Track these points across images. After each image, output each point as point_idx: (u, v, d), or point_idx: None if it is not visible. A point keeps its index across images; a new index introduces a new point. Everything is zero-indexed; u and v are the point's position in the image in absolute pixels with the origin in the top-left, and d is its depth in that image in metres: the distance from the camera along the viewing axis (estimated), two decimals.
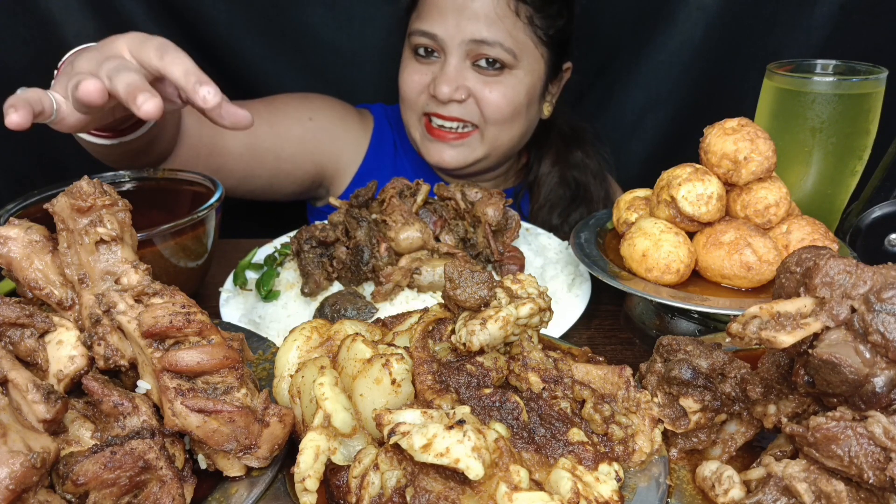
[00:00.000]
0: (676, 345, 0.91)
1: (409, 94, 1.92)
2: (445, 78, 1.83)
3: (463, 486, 0.71)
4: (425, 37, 1.85)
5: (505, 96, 1.86)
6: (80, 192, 0.88)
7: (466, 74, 1.85)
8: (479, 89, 1.85)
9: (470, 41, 1.81)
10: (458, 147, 1.92)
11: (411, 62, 1.92)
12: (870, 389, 0.71)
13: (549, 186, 2.10)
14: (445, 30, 1.81)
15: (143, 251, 1.18)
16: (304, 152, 2.00)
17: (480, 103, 1.86)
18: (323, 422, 0.79)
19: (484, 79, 1.85)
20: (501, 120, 1.89)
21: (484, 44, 1.81)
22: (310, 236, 1.39)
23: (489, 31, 1.80)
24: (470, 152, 1.93)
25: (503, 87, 1.86)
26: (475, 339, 0.84)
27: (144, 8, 2.26)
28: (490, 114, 1.87)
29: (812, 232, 1.19)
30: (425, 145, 1.95)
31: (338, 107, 2.12)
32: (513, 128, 1.94)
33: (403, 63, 1.95)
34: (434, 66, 1.88)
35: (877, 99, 1.33)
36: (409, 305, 1.30)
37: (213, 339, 0.81)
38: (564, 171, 2.11)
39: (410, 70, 1.91)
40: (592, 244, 1.32)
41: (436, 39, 1.83)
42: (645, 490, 0.80)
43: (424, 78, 1.89)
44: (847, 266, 0.74)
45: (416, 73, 1.90)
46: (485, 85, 1.85)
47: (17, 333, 0.83)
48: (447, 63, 1.84)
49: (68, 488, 0.73)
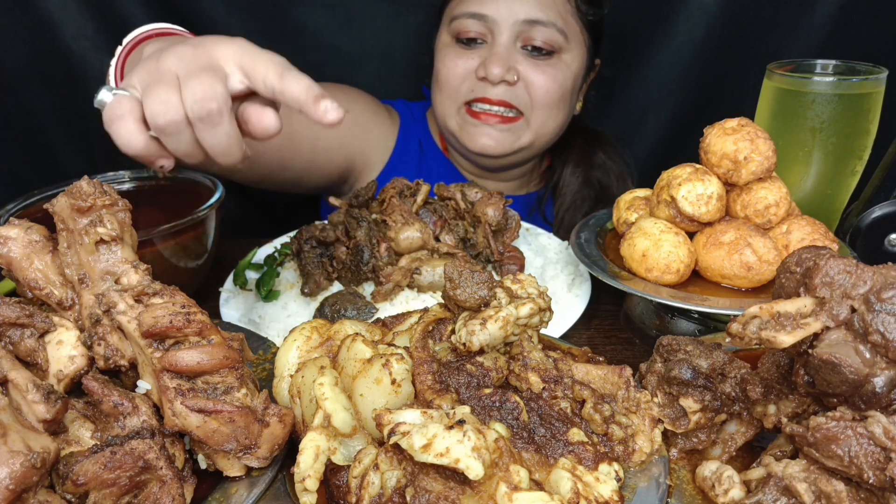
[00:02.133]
0: (676, 345, 0.91)
1: (452, 81, 1.84)
2: (497, 58, 1.76)
3: (463, 486, 0.71)
4: (473, 18, 1.78)
5: (556, 80, 1.81)
6: (80, 192, 0.88)
7: (517, 57, 1.79)
8: (529, 73, 1.79)
9: (523, 21, 1.75)
10: (503, 131, 1.84)
11: (453, 49, 1.84)
12: (870, 389, 0.71)
13: (573, 188, 2.07)
14: (497, 10, 1.75)
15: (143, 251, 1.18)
16: (339, 145, 1.94)
17: (530, 87, 1.80)
18: (323, 422, 0.79)
19: (534, 62, 1.79)
20: (550, 104, 1.83)
21: (538, 24, 1.75)
22: (310, 236, 1.39)
23: (542, 11, 1.76)
24: (515, 139, 1.86)
25: (554, 71, 1.81)
26: (475, 339, 0.84)
27: (144, 8, 2.26)
28: (539, 97, 1.81)
29: (812, 232, 1.19)
30: (467, 130, 1.86)
31: (370, 101, 2.07)
32: (558, 115, 1.89)
33: (442, 51, 1.86)
34: (479, 50, 1.81)
35: (877, 99, 1.33)
36: (409, 305, 1.30)
37: (213, 339, 0.81)
38: (588, 171, 2.08)
39: (454, 55, 1.83)
40: (592, 244, 1.32)
41: (485, 20, 1.77)
42: (645, 490, 0.80)
43: (470, 63, 1.81)
44: (847, 266, 0.74)
45: (461, 57, 1.82)
46: (535, 68, 1.79)
47: (17, 333, 0.83)
48: (496, 44, 1.77)
49: (68, 488, 0.73)
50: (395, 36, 2.29)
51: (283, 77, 0.98)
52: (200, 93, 0.93)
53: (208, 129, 0.96)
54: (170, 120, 0.94)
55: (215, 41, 0.99)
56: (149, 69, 0.98)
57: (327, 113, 0.98)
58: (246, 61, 0.98)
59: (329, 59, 2.37)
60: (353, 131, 1.97)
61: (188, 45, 0.98)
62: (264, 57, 0.99)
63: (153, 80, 0.95)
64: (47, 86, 2.30)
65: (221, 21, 2.31)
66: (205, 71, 0.95)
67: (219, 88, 0.94)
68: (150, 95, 0.94)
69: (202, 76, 0.94)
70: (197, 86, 0.93)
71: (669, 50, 2.35)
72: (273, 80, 0.98)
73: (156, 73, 0.96)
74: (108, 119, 0.95)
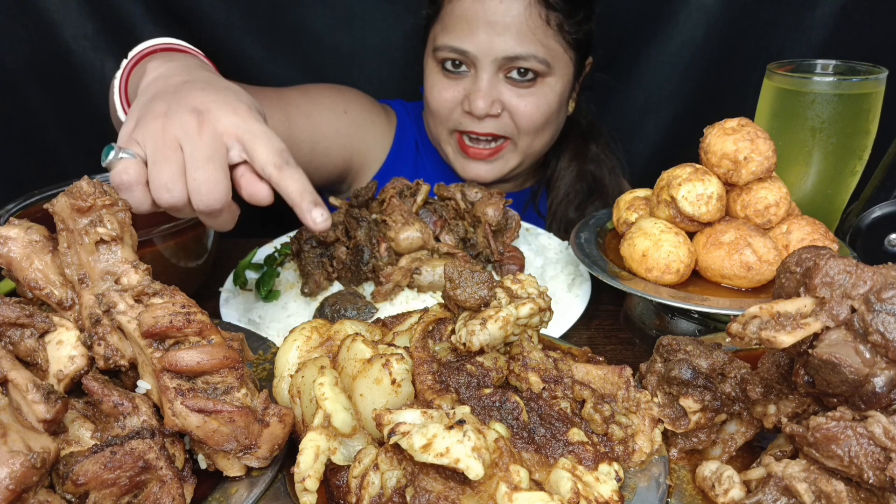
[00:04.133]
0: (676, 345, 0.91)
1: (441, 111, 1.88)
2: (480, 94, 1.79)
3: (463, 486, 0.71)
4: (454, 52, 1.80)
5: (539, 107, 1.84)
6: (80, 192, 0.88)
7: (500, 88, 1.82)
8: (513, 102, 1.82)
9: (503, 58, 1.77)
10: (493, 162, 1.91)
11: (439, 76, 1.87)
12: (870, 389, 0.71)
13: (566, 181, 2.09)
14: (476, 46, 1.77)
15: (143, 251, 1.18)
16: (338, 146, 1.96)
17: (515, 116, 1.84)
18: (323, 422, 0.79)
19: (517, 91, 1.82)
20: (536, 129, 1.87)
21: (518, 59, 1.78)
22: (310, 236, 1.39)
23: (521, 45, 1.77)
24: (504, 164, 1.92)
25: (536, 98, 1.83)
26: (475, 339, 0.84)
27: (143, 8, 2.26)
28: (525, 125, 1.85)
29: (812, 232, 1.19)
30: (460, 162, 1.93)
31: (366, 101, 2.09)
32: (545, 135, 1.93)
33: (430, 77, 1.90)
34: (464, 79, 1.84)
35: (877, 99, 1.33)
36: (409, 305, 1.30)
37: (213, 339, 0.81)
38: (582, 165, 2.09)
39: (440, 87, 1.86)
40: (592, 244, 1.32)
41: (466, 55, 1.80)
42: (645, 490, 0.80)
43: (456, 94, 1.85)
44: (847, 266, 0.74)
45: (447, 89, 1.85)
46: (518, 98, 1.82)
47: (17, 333, 0.83)
48: (479, 78, 1.80)
49: (68, 488, 0.73)
50: (394, 36, 2.29)
51: (281, 171, 1.01)
52: (205, 189, 0.97)
53: (210, 218, 1.02)
54: (173, 203, 0.99)
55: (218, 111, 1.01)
56: (153, 133, 1.00)
57: (316, 223, 1.02)
58: (247, 140, 1.01)
59: (329, 59, 2.37)
60: (350, 132, 1.99)
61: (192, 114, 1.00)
62: (265, 141, 1.01)
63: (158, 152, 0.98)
64: (47, 86, 2.30)
65: (221, 21, 2.31)
66: (210, 161, 0.98)
67: (222, 185, 0.98)
68: (155, 173, 0.98)
69: (207, 168, 0.97)
70: (202, 179, 0.97)
71: (669, 50, 2.35)
72: (271, 171, 1.01)
73: (161, 141, 0.99)
74: (116, 184, 0.99)
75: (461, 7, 1.78)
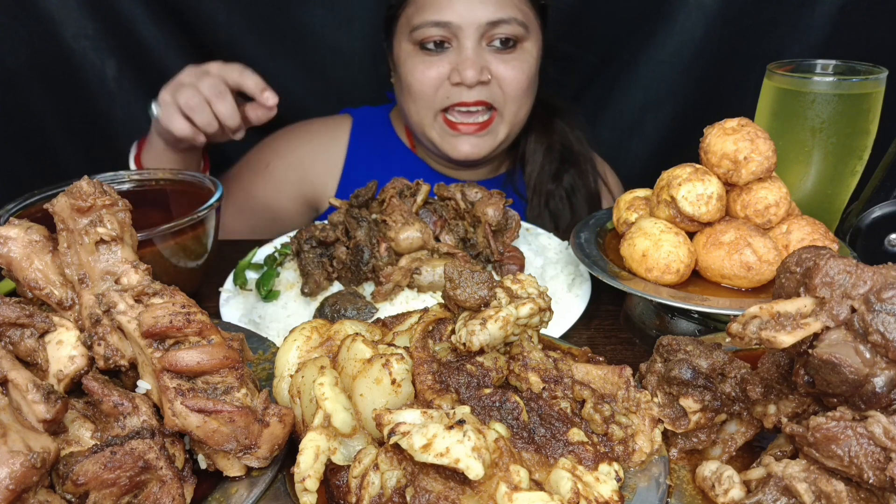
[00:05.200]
0: (676, 345, 0.91)
1: (426, 91, 1.87)
2: (469, 63, 1.80)
3: (463, 486, 0.71)
4: (437, 27, 1.81)
5: (523, 71, 1.88)
6: (80, 192, 0.88)
7: (485, 56, 1.84)
8: (499, 68, 1.85)
9: (486, 23, 1.80)
10: (482, 137, 1.91)
11: (419, 58, 1.87)
12: (870, 389, 0.71)
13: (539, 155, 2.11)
14: (459, 15, 1.79)
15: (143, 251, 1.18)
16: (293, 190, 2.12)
17: (502, 82, 1.86)
18: (323, 422, 0.79)
19: (502, 58, 1.85)
20: (521, 94, 1.90)
21: (501, 23, 1.80)
22: (310, 236, 1.39)
23: (502, 9, 1.80)
24: (494, 139, 1.93)
25: (520, 62, 1.87)
26: (475, 339, 0.84)
27: (143, 8, 2.26)
28: (511, 91, 1.87)
29: (812, 232, 1.19)
30: (448, 142, 1.92)
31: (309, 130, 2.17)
32: (528, 102, 1.96)
33: (409, 62, 1.89)
34: (447, 55, 1.84)
35: (877, 99, 1.33)
36: (409, 305, 1.30)
37: (213, 339, 0.81)
38: (550, 138, 2.12)
39: (423, 66, 1.86)
40: (592, 244, 1.32)
41: (449, 27, 1.80)
42: (645, 490, 0.80)
43: (441, 70, 1.85)
44: (847, 266, 0.74)
45: (430, 67, 1.85)
46: (503, 63, 1.85)
47: (17, 333, 0.83)
48: (464, 47, 1.81)
49: (68, 488, 0.73)
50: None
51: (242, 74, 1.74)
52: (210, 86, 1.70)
53: (220, 101, 1.69)
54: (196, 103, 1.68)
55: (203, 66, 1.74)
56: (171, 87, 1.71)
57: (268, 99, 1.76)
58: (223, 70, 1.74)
59: (329, 58, 2.38)
60: (298, 173, 2.13)
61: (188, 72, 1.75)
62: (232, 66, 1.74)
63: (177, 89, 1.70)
64: (47, 86, 2.30)
65: (222, 21, 2.31)
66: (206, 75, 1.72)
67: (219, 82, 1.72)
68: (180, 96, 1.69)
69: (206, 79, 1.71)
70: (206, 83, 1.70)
71: (669, 50, 2.35)
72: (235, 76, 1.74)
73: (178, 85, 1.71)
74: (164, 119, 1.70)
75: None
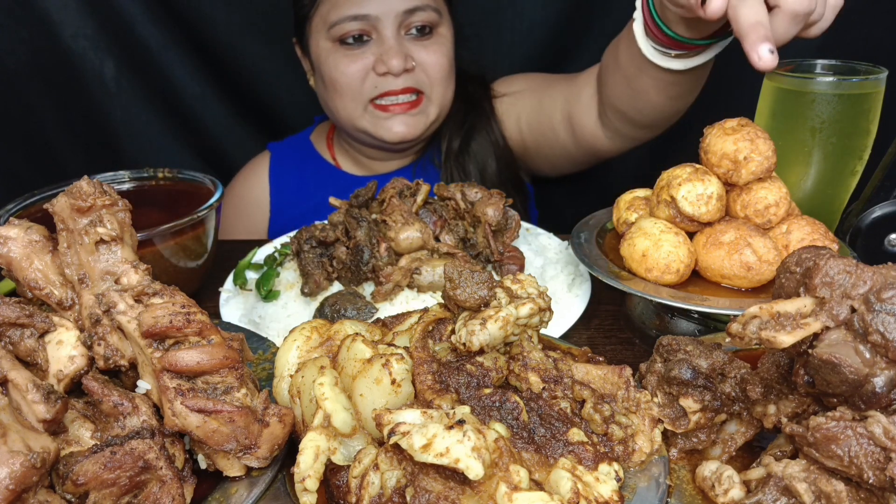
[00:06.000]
0: (676, 345, 0.91)
1: (353, 84, 1.90)
2: (393, 52, 1.85)
3: (463, 486, 0.71)
4: (355, 21, 1.85)
5: (444, 55, 1.94)
6: (80, 192, 0.88)
7: (406, 46, 1.89)
8: (421, 54, 1.91)
9: (403, 12, 1.85)
10: (413, 116, 1.95)
11: (341, 53, 1.90)
12: (870, 389, 0.71)
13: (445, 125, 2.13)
14: (376, 7, 1.84)
15: (143, 251, 1.18)
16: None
17: (426, 68, 1.92)
18: (323, 422, 0.79)
19: (422, 44, 1.91)
20: (445, 77, 1.95)
21: (416, 10, 1.86)
22: (310, 236, 1.39)
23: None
24: (425, 119, 1.97)
25: (439, 47, 1.93)
26: (475, 339, 0.84)
27: (143, 8, 2.26)
28: (436, 74, 1.93)
29: (812, 232, 1.19)
30: (380, 125, 1.95)
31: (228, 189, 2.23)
32: (451, 83, 2.01)
33: (330, 59, 1.91)
34: (368, 47, 1.89)
35: (877, 99, 1.33)
36: (409, 305, 1.30)
37: (213, 339, 0.81)
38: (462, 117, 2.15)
39: (346, 62, 1.89)
40: (592, 244, 1.32)
41: (368, 19, 1.85)
42: (645, 490, 0.80)
43: (365, 63, 1.89)
44: (847, 266, 0.74)
45: (354, 62, 1.89)
46: (424, 49, 1.91)
47: (17, 333, 0.83)
48: (386, 38, 1.86)
49: (68, 488, 0.73)
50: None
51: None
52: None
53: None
54: None
55: None
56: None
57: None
58: None
59: None
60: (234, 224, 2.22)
61: None
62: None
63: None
64: (47, 86, 2.30)
65: (221, 21, 2.32)
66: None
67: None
68: None
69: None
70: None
71: None
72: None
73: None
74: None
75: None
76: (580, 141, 1.99)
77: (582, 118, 1.94)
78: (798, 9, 1.04)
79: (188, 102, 2.46)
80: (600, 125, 1.91)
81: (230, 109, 2.52)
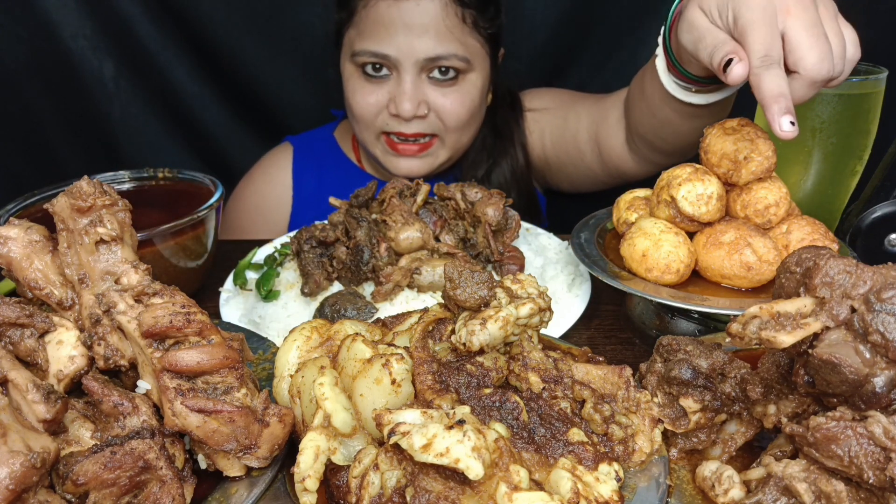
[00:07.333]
0: (676, 345, 0.91)
1: (366, 116, 1.89)
2: (406, 96, 1.81)
3: (463, 486, 0.71)
4: (375, 57, 1.81)
5: (463, 104, 1.87)
6: (80, 192, 0.88)
7: (424, 89, 1.84)
8: (438, 101, 1.85)
9: (425, 59, 1.79)
10: (423, 158, 1.93)
11: (360, 82, 1.88)
12: (870, 389, 0.71)
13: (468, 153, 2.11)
14: (397, 49, 1.78)
15: (143, 251, 1.18)
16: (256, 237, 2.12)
17: (441, 114, 1.86)
18: (323, 422, 0.79)
19: (441, 90, 1.85)
20: (461, 125, 1.91)
21: (439, 59, 1.80)
22: (310, 236, 1.39)
23: (441, 45, 1.78)
24: (434, 160, 1.95)
25: (460, 95, 1.87)
26: (475, 339, 0.84)
27: (143, 8, 2.26)
28: (451, 122, 1.88)
29: (812, 232, 1.19)
30: (389, 160, 1.94)
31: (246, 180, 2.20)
32: (471, 129, 1.97)
33: (350, 83, 1.90)
34: (386, 82, 1.85)
35: (877, 99, 1.33)
36: (409, 305, 1.30)
37: (213, 339, 0.81)
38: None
39: (363, 92, 1.87)
40: (592, 244, 1.32)
41: (388, 59, 1.81)
42: (645, 490, 0.81)
43: (380, 98, 1.86)
44: (847, 266, 0.74)
45: (370, 94, 1.86)
46: (443, 96, 1.85)
47: (17, 333, 0.83)
48: (403, 80, 1.82)
49: (68, 488, 0.73)
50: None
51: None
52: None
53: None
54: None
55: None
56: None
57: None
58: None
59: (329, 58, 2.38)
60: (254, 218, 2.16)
61: None
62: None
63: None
64: (47, 86, 2.30)
65: (221, 21, 2.32)
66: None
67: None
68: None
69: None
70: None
71: None
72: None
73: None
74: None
75: (376, 12, 1.79)
76: (607, 163, 1.97)
77: (609, 140, 1.91)
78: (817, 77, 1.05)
79: (188, 102, 2.46)
80: (627, 149, 1.88)
81: (230, 109, 2.52)
